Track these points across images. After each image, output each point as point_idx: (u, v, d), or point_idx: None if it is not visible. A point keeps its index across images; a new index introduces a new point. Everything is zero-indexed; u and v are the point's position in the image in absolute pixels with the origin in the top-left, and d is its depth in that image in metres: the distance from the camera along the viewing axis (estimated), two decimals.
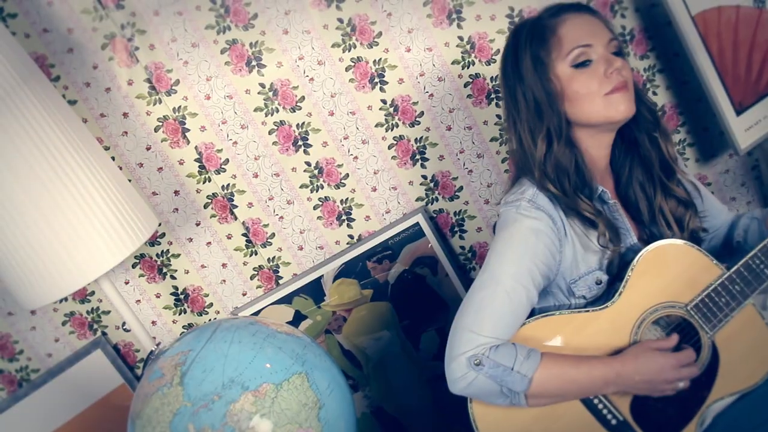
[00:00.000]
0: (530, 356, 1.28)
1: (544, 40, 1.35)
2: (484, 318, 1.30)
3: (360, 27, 1.90)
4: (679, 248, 1.38)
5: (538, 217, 1.35)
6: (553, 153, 1.37)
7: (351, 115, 1.97)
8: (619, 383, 1.31)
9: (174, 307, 2.08)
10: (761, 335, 1.37)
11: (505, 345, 1.29)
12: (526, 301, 1.33)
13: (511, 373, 1.26)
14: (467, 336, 1.29)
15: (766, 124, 1.92)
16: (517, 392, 1.28)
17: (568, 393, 1.33)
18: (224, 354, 1.23)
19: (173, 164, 1.95)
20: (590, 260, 1.40)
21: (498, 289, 1.32)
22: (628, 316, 1.37)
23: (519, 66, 1.38)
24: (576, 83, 1.34)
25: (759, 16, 1.88)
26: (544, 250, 1.34)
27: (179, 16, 1.83)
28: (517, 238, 1.35)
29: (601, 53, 1.33)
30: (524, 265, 1.33)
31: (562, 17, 1.36)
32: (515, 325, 1.33)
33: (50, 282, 1.50)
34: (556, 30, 1.35)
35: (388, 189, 2.05)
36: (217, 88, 1.90)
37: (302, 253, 2.08)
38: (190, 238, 2.03)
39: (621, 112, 1.33)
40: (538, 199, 1.37)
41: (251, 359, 1.22)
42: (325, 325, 2.10)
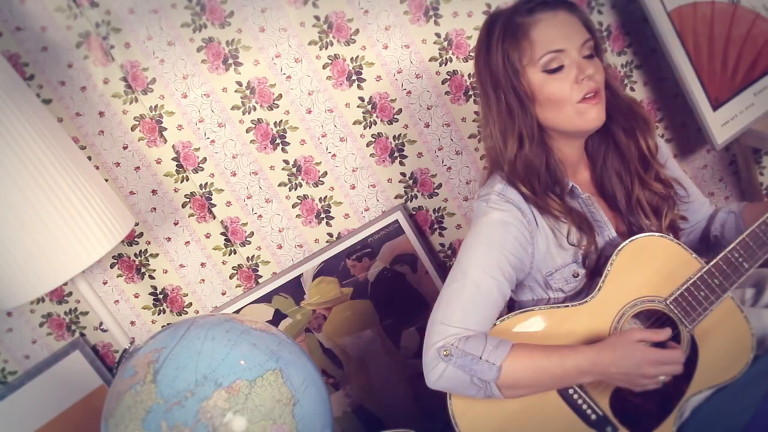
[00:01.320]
0: (500, 345, 1.28)
1: (516, 41, 1.33)
2: (454, 310, 1.31)
3: (337, 24, 1.90)
4: (659, 242, 1.38)
5: (506, 210, 1.36)
6: (524, 153, 1.37)
7: (329, 112, 1.97)
8: (595, 373, 1.29)
9: (153, 307, 2.07)
10: (740, 329, 1.38)
11: (475, 336, 1.29)
12: (496, 292, 1.34)
13: (480, 362, 1.26)
14: (437, 328, 1.30)
15: (743, 120, 1.93)
16: (488, 381, 1.27)
17: (542, 382, 1.31)
18: (198, 351, 1.22)
19: (150, 163, 1.95)
20: (565, 254, 1.40)
21: (467, 281, 1.32)
22: (607, 310, 1.37)
23: (491, 64, 1.37)
24: (547, 89, 1.33)
25: (734, 11, 1.89)
26: (513, 241, 1.35)
27: (155, 14, 1.82)
28: (485, 230, 1.36)
29: (573, 58, 1.31)
30: (493, 257, 1.33)
31: (536, 17, 1.33)
32: (487, 316, 1.33)
33: (24, 281, 1.49)
34: (529, 32, 1.32)
35: (367, 187, 2.05)
36: (194, 86, 1.90)
37: (281, 251, 2.08)
38: (168, 238, 2.02)
39: (591, 122, 1.33)
40: (507, 192, 1.38)
41: (225, 356, 1.22)
42: (305, 324, 2.10)
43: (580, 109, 1.32)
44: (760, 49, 1.92)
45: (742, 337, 1.38)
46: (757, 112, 1.93)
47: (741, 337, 1.38)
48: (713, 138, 1.92)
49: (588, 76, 1.30)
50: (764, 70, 1.93)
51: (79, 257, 1.52)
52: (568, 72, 1.32)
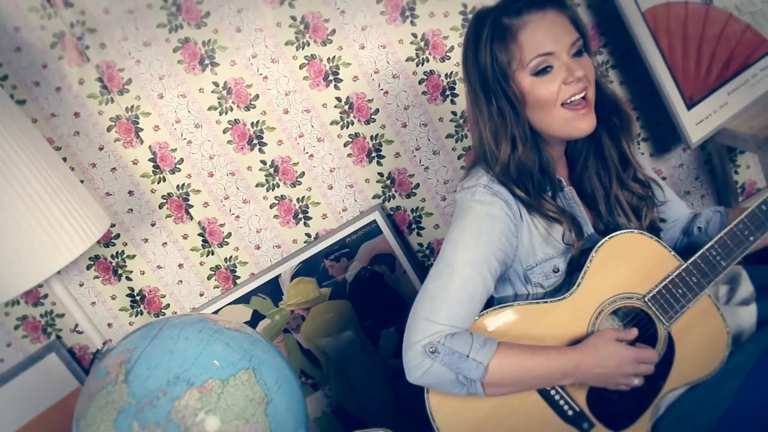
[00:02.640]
0: (486, 344, 1.28)
1: (504, 43, 1.31)
2: (440, 306, 1.30)
3: (313, 25, 1.90)
4: (638, 239, 1.39)
5: (493, 203, 1.35)
6: (517, 155, 1.36)
7: (306, 113, 1.97)
8: (578, 375, 1.31)
9: (130, 309, 2.06)
10: (716, 326, 1.38)
11: (461, 333, 1.29)
12: (482, 288, 1.33)
13: (467, 361, 1.26)
14: (423, 324, 1.29)
15: (717, 118, 1.94)
16: (473, 380, 1.27)
17: (525, 382, 1.32)
18: (170, 350, 1.22)
19: (127, 164, 1.94)
20: (547, 249, 1.40)
21: (453, 277, 1.31)
22: (586, 306, 1.37)
23: (480, 65, 1.35)
24: (536, 92, 1.32)
25: (707, 11, 1.91)
26: (499, 236, 1.34)
27: (130, 15, 1.82)
28: (472, 224, 1.35)
29: (563, 60, 1.30)
30: (480, 252, 1.33)
31: (524, 18, 1.31)
32: (472, 312, 1.33)
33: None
34: (517, 35, 1.30)
35: (345, 187, 2.05)
36: (170, 87, 1.89)
37: (259, 252, 2.07)
38: (145, 239, 2.01)
39: (581, 130, 1.33)
40: (494, 185, 1.37)
41: (197, 355, 1.22)
42: (284, 325, 2.09)
43: (567, 117, 1.32)
44: (733, 49, 1.94)
45: (718, 335, 1.38)
46: (730, 111, 1.95)
47: (717, 334, 1.38)
48: (688, 137, 1.93)
49: (577, 78, 1.30)
50: (737, 70, 1.95)
51: (53, 258, 1.51)
52: (557, 74, 1.31)
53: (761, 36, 1.94)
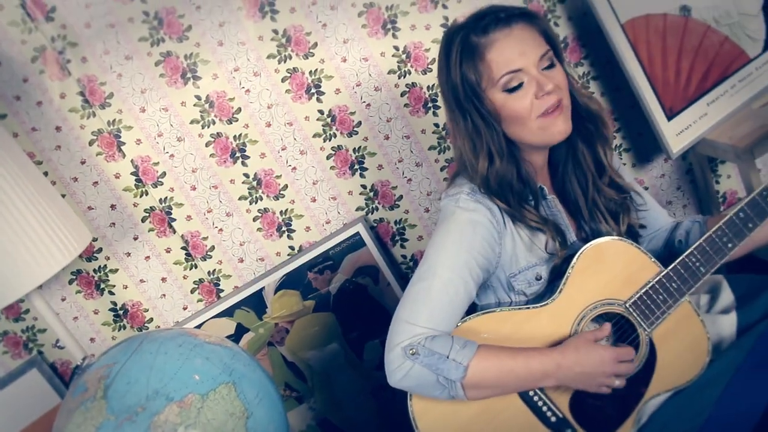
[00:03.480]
0: (467, 345, 1.28)
1: (473, 63, 1.33)
2: (421, 309, 1.30)
3: (295, 38, 1.91)
4: (619, 246, 1.39)
5: (476, 210, 1.36)
6: (495, 169, 1.37)
7: (288, 126, 1.97)
8: (559, 376, 1.31)
9: (113, 323, 2.05)
10: (696, 333, 1.39)
11: (442, 335, 1.29)
12: (463, 293, 1.34)
13: (447, 361, 1.26)
14: (403, 327, 1.29)
15: (697, 129, 1.96)
16: (453, 381, 1.27)
17: (507, 384, 1.32)
18: (149, 365, 1.21)
19: (109, 178, 1.93)
20: (530, 257, 1.41)
21: (435, 281, 1.32)
22: (568, 312, 1.37)
23: (453, 84, 1.36)
24: (508, 107, 1.33)
25: (685, 23, 1.93)
26: (482, 242, 1.35)
27: (111, 29, 1.82)
28: (455, 230, 1.36)
29: (532, 74, 1.31)
30: (462, 258, 1.33)
31: (491, 37, 1.31)
32: (453, 316, 1.33)
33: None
34: (485, 54, 1.31)
35: (328, 199, 2.05)
36: (152, 100, 1.89)
37: (243, 265, 2.07)
38: (128, 253, 2.01)
39: (556, 135, 1.34)
40: (477, 192, 1.38)
41: (177, 370, 1.21)
42: (268, 338, 2.09)
43: (543, 124, 1.33)
44: (712, 60, 1.95)
45: (698, 341, 1.39)
46: (710, 121, 1.96)
47: (698, 341, 1.39)
48: (668, 147, 1.95)
49: (548, 92, 1.30)
50: (716, 81, 1.96)
51: (33, 273, 1.51)
52: (528, 89, 1.31)
53: (739, 48, 1.96)
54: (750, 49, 1.97)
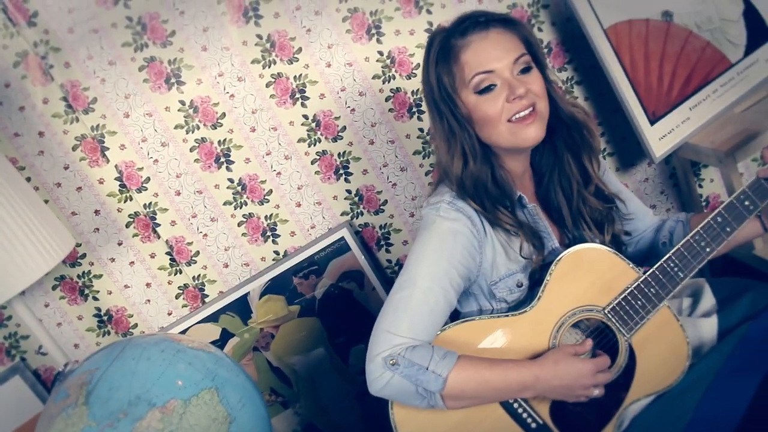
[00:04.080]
0: (446, 357, 1.28)
1: (447, 64, 1.34)
2: (401, 319, 1.31)
3: (279, 43, 1.91)
4: (596, 252, 1.40)
5: (456, 219, 1.36)
6: (469, 170, 1.38)
7: (273, 130, 1.97)
8: (538, 388, 1.31)
9: (97, 329, 2.04)
10: (676, 337, 1.40)
11: (422, 346, 1.29)
12: (443, 302, 1.34)
13: (426, 373, 1.26)
14: (384, 336, 1.30)
15: (679, 133, 1.97)
16: (433, 392, 1.27)
17: (485, 395, 1.32)
18: (132, 371, 1.21)
19: (93, 183, 1.93)
20: (510, 264, 1.41)
21: (415, 291, 1.32)
22: (547, 320, 1.38)
23: (429, 85, 1.39)
24: (479, 110, 1.34)
25: (667, 29, 1.94)
26: (462, 251, 1.36)
27: (95, 34, 1.81)
28: (435, 239, 1.36)
29: (505, 77, 1.32)
30: (442, 267, 1.34)
31: (468, 39, 1.34)
32: (433, 325, 1.34)
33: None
34: (459, 56, 1.33)
35: (313, 204, 2.05)
36: (136, 105, 1.89)
37: (228, 270, 2.07)
38: (112, 258, 2.00)
39: (526, 140, 1.34)
40: (457, 201, 1.39)
41: (159, 375, 1.21)
42: (253, 343, 2.09)
43: (513, 129, 1.33)
44: (694, 65, 1.97)
45: (678, 346, 1.40)
46: (692, 126, 1.97)
47: (677, 345, 1.40)
48: (651, 151, 1.96)
49: (519, 96, 1.31)
50: (698, 86, 1.98)
51: (15, 279, 1.50)
52: (499, 92, 1.32)
53: (720, 53, 1.98)
54: (731, 54, 1.99)
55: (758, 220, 1.48)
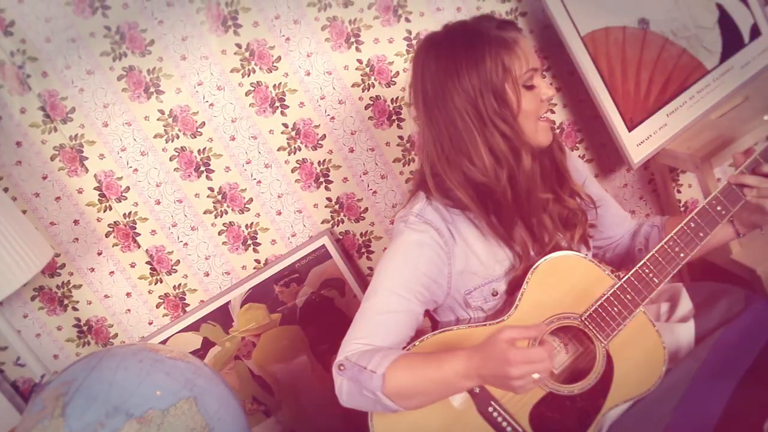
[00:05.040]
0: (387, 356, 1.27)
1: (510, 52, 1.30)
2: (360, 327, 1.33)
3: (259, 52, 1.91)
4: (571, 260, 1.41)
5: (423, 230, 1.37)
6: (523, 167, 1.35)
7: (253, 139, 1.97)
8: (471, 375, 1.24)
9: (77, 339, 2.03)
10: (652, 343, 1.41)
11: (372, 349, 1.29)
12: (403, 309, 1.35)
13: (364, 372, 1.26)
14: (343, 346, 1.33)
15: (657, 139, 1.99)
16: (375, 391, 1.26)
17: (426, 389, 1.28)
18: (109, 382, 1.21)
19: (72, 193, 1.92)
20: (485, 272, 1.42)
21: (375, 300, 1.34)
22: None
23: (479, 73, 1.30)
24: (525, 103, 1.33)
25: (644, 36, 1.96)
26: (427, 262, 1.36)
27: (72, 43, 1.81)
28: (399, 251, 1.38)
29: (540, 79, 1.37)
30: (403, 276, 1.35)
31: (513, 35, 1.32)
32: (392, 333, 1.34)
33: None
34: (515, 49, 1.31)
35: (293, 212, 2.05)
36: (115, 115, 1.88)
37: (208, 279, 2.06)
38: (92, 268, 1.99)
39: (546, 139, 1.39)
40: (426, 213, 1.39)
41: (137, 386, 1.21)
42: (235, 351, 2.08)
43: (541, 126, 1.37)
44: (670, 72, 1.99)
45: (654, 351, 1.41)
46: (669, 132, 1.99)
47: (654, 350, 1.41)
48: (629, 157, 1.97)
49: (549, 98, 1.37)
50: (675, 92, 1.99)
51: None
52: (538, 91, 1.36)
53: (696, 60, 2.00)
54: (707, 62, 2.01)
55: (731, 225, 1.50)
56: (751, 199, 1.40)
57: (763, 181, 1.38)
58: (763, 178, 1.39)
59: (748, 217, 1.47)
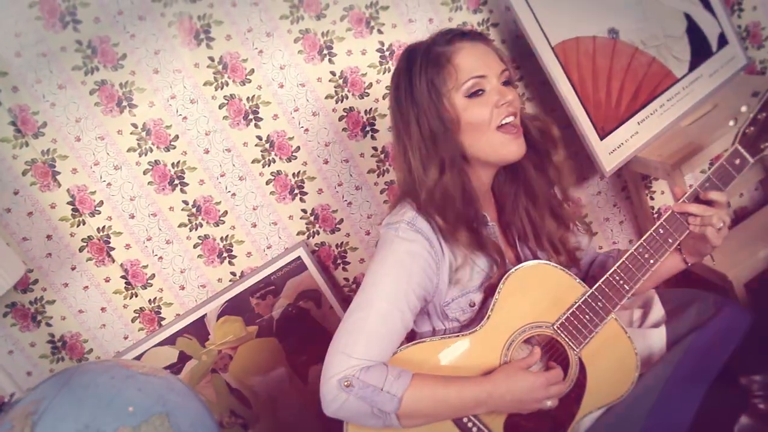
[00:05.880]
0: (401, 376, 1.29)
1: (439, 68, 1.36)
2: (357, 340, 1.30)
3: (231, 65, 1.91)
4: (543, 269, 1.42)
5: (415, 240, 1.36)
6: (443, 181, 1.37)
7: (227, 152, 1.97)
8: (491, 404, 1.33)
9: (51, 356, 2.01)
10: (624, 349, 1.42)
11: (376, 366, 1.29)
12: (400, 323, 1.34)
13: (381, 393, 1.26)
14: (339, 358, 1.29)
15: (628, 147, 2.01)
16: (388, 413, 1.28)
17: (440, 413, 1.33)
18: (79, 399, 1.20)
19: (44, 208, 1.91)
20: (467, 283, 1.42)
21: (371, 312, 1.32)
22: (497, 337, 1.39)
23: (413, 92, 1.38)
24: (469, 113, 1.35)
25: (614, 46, 1.98)
26: (420, 272, 1.36)
27: (43, 58, 1.81)
28: (393, 260, 1.36)
29: (494, 84, 1.36)
30: (400, 288, 1.34)
31: (457, 45, 1.37)
32: (389, 347, 1.34)
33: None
34: (452, 59, 1.36)
35: (269, 224, 2.05)
36: (88, 129, 1.88)
37: (184, 292, 2.05)
38: (65, 283, 1.98)
39: (512, 153, 1.37)
40: (417, 221, 1.38)
41: (108, 402, 1.20)
42: (211, 365, 2.07)
43: (501, 139, 1.36)
44: (641, 81, 2.01)
45: (626, 357, 1.42)
46: (641, 140, 2.01)
47: (626, 357, 1.42)
48: (602, 166, 1.99)
49: (508, 102, 1.35)
50: (646, 101, 2.01)
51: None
52: (489, 97, 1.36)
53: (666, 68, 2.02)
54: (677, 70, 2.03)
55: (678, 253, 1.51)
56: (694, 228, 1.42)
57: (706, 208, 1.40)
58: (705, 206, 1.41)
59: (693, 245, 1.47)
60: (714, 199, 1.40)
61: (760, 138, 1.41)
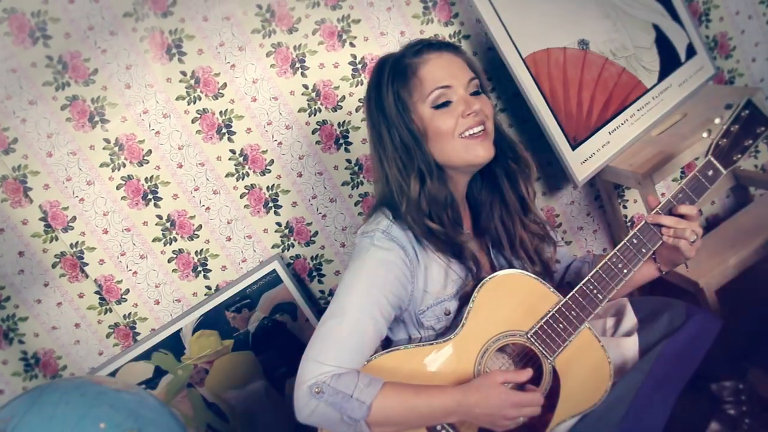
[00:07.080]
0: (371, 384, 1.29)
1: (405, 80, 1.38)
2: (329, 347, 1.31)
3: (204, 79, 1.92)
4: (517, 278, 1.42)
5: (390, 248, 1.37)
6: (427, 189, 1.39)
7: (200, 166, 1.97)
8: (460, 413, 1.33)
9: (24, 373, 2.00)
10: (598, 358, 1.42)
11: (348, 373, 1.30)
12: (372, 331, 1.35)
13: (350, 401, 1.27)
14: (311, 365, 1.30)
15: (600, 157, 2.03)
16: (357, 420, 1.28)
17: (410, 421, 1.33)
18: (50, 417, 1.19)
19: (16, 225, 1.90)
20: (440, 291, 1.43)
21: (344, 320, 1.33)
22: (471, 346, 1.40)
23: (383, 105, 1.40)
24: (435, 124, 1.37)
25: (584, 57, 2.00)
26: (394, 281, 1.37)
27: (13, 74, 1.80)
28: (367, 269, 1.37)
29: (460, 94, 1.38)
30: (373, 296, 1.35)
31: (424, 57, 1.39)
32: (361, 354, 1.34)
33: None
34: (417, 71, 1.38)
35: (243, 238, 2.05)
36: (59, 144, 1.87)
37: (159, 307, 2.04)
38: (38, 300, 1.96)
39: (480, 157, 1.38)
40: (392, 230, 1.39)
41: (78, 420, 1.19)
42: (187, 379, 2.06)
43: (468, 144, 1.37)
44: (611, 91, 2.03)
45: (600, 366, 1.42)
46: (612, 149, 2.03)
47: (599, 365, 1.43)
48: (574, 175, 2.01)
49: (474, 111, 1.36)
50: (616, 111, 2.04)
51: None
52: (455, 107, 1.37)
53: (636, 78, 2.05)
54: (646, 80, 2.06)
55: (653, 262, 1.53)
56: (667, 240, 1.43)
57: (679, 221, 1.42)
58: (678, 218, 1.43)
59: (667, 255, 1.49)
60: (686, 213, 1.42)
61: (733, 150, 1.44)
